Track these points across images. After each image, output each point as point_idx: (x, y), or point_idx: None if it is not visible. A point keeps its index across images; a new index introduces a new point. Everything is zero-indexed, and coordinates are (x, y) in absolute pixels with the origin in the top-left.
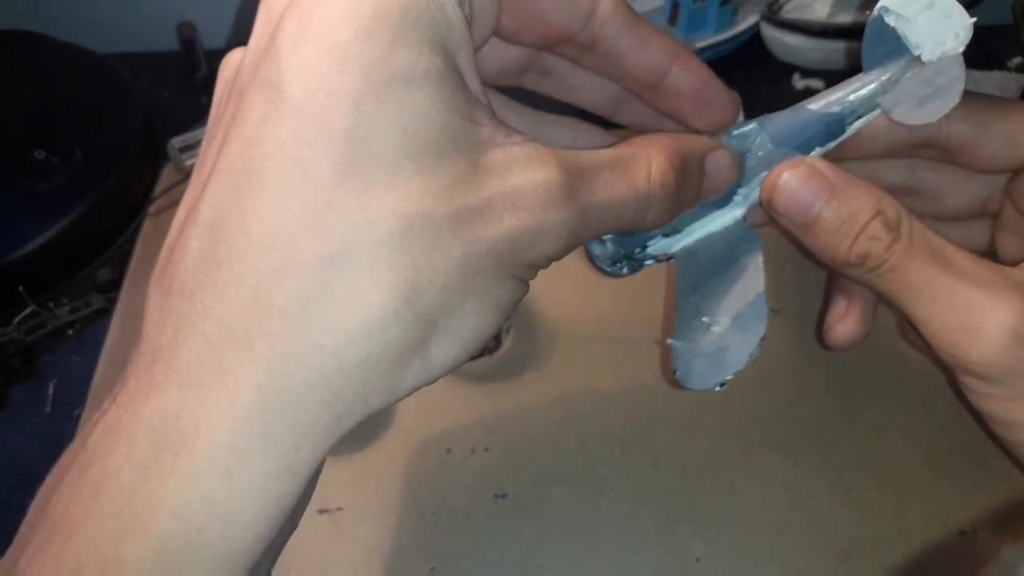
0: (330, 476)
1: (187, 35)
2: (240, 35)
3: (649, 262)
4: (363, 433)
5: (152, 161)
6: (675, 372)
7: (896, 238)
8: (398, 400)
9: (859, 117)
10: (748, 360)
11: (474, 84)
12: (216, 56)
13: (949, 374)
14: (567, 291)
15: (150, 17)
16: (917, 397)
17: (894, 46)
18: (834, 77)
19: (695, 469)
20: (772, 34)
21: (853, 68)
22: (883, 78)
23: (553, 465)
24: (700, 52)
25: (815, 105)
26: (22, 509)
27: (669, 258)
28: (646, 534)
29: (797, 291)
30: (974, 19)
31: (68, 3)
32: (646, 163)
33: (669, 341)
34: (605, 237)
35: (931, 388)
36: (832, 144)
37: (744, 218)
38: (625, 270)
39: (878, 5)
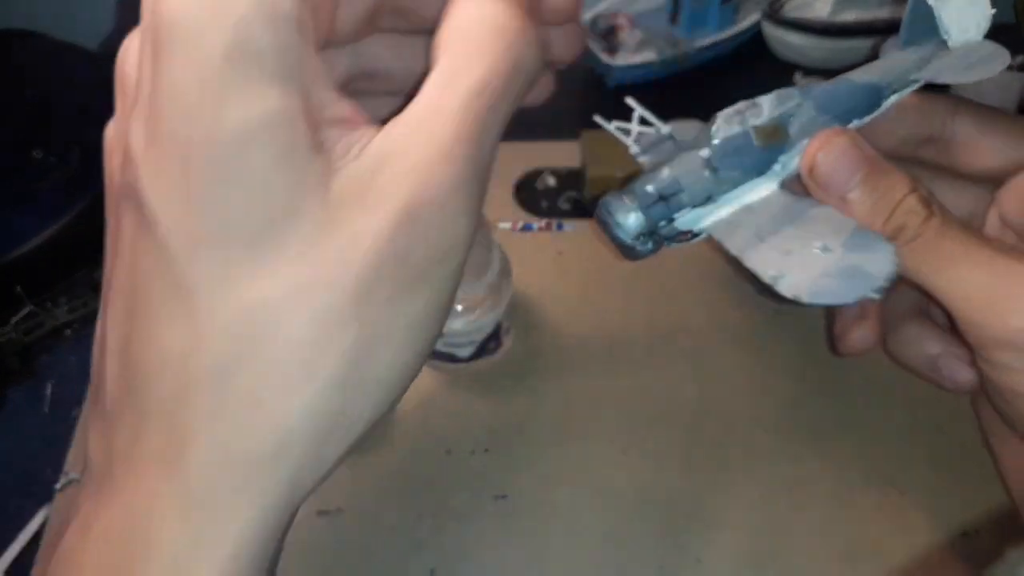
0: (330, 477)
1: None
2: None
3: (674, 243)
4: None
5: None
6: (799, 299)
7: (932, 213)
8: (330, 473)
9: (895, 91)
10: (893, 268)
11: (324, 101)
12: None
13: (970, 357)
14: (567, 291)
15: None
16: (918, 397)
17: (929, 26)
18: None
19: (696, 469)
20: (773, 33)
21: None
22: (916, 56)
23: (553, 466)
24: (701, 51)
25: (856, 76)
26: (20, 510)
27: (694, 236)
28: (646, 535)
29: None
30: (994, 10)
31: (66, 2)
32: (492, 21)
33: (771, 272)
34: (630, 206)
35: (932, 388)
36: (868, 118)
37: (781, 189)
38: (649, 245)
39: None
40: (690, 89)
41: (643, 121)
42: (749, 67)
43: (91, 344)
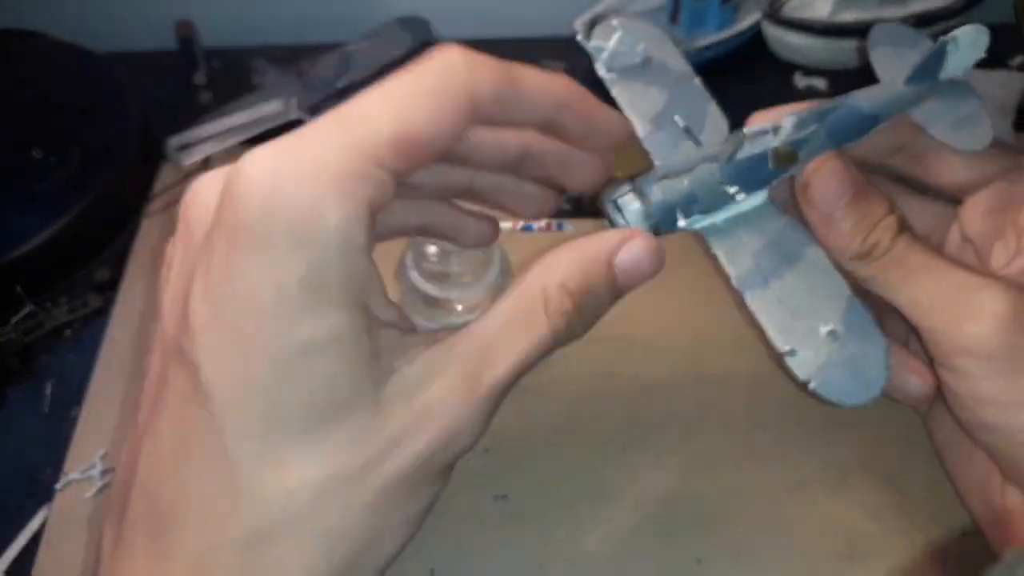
0: None
1: (185, 34)
2: (238, 34)
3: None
4: None
5: (150, 160)
6: (808, 384)
7: (903, 231)
8: None
9: (886, 120)
10: (888, 373)
11: (380, 308)
12: (214, 55)
13: (920, 368)
14: None
15: (148, 16)
16: None
17: (934, 70)
18: (836, 76)
19: (697, 470)
20: (774, 33)
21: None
22: (914, 92)
23: (553, 466)
24: (701, 51)
25: (863, 103)
26: (20, 510)
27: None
28: (647, 535)
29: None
30: (984, 55)
31: (65, 2)
32: (541, 299)
33: (785, 348)
34: (644, 212)
35: None
36: (856, 142)
37: (769, 197)
38: (652, 222)
39: (952, 34)
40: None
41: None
42: (749, 67)
43: (91, 344)
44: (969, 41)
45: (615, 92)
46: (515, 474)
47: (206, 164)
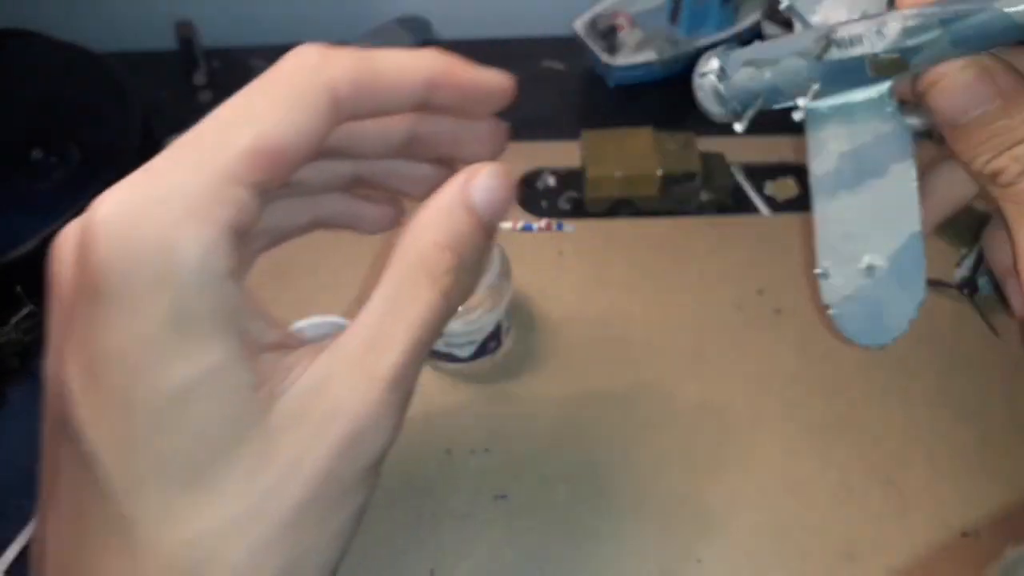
0: None
1: (185, 34)
2: (238, 34)
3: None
4: None
5: (150, 160)
6: (828, 309)
7: None
8: None
9: None
10: (908, 326)
11: (261, 331)
12: (214, 55)
13: None
14: (567, 291)
15: (148, 16)
16: (918, 398)
17: None
18: None
19: (696, 470)
20: (774, 32)
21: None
22: None
23: (553, 466)
24: (702, 51)
25: (1014, 8)
26: (19, 510)
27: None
28: (647, 536)
29: (797, 291)
30: None
31: (66, 2)
32: (420, 265)
33: (818, 269)
34: (713, 99)
35: (932, 389)
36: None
37: (891, 93)
38: (736, 105)
39: None
40: (690, 88)
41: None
42: None
43: None
44: None
45: None
46: (515, 474)
47: None
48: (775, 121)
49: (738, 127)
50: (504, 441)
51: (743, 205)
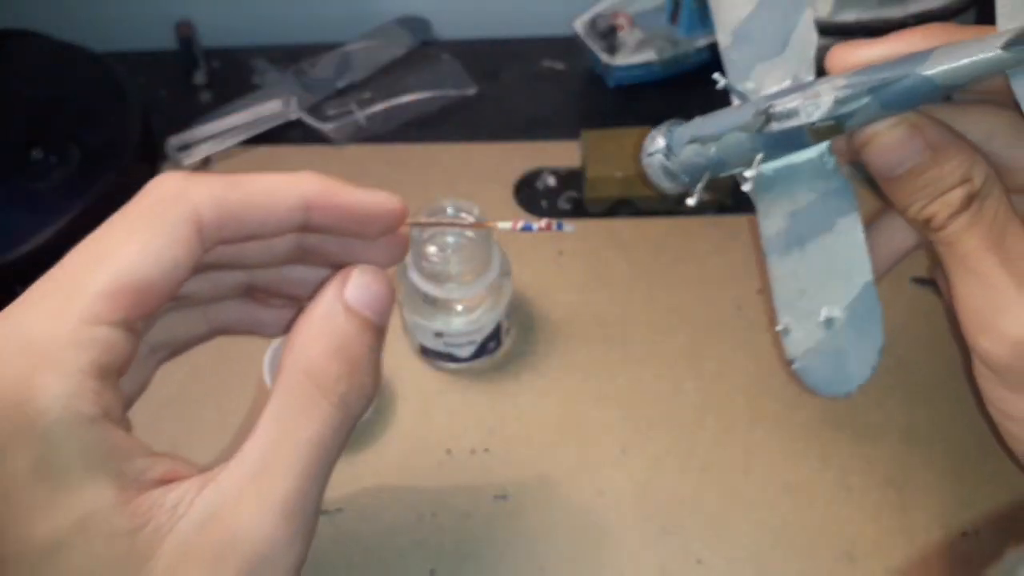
0: (332, 476)
1: (185, 34)
2: (238, 34)
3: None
4: (362, 434)
5: (150, 160)
6: (792, 363)
7: (964, 208)
8: None
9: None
10: (870, 373)
11: (143, 467)
12: (214, 55)
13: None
14: (567, 291)
15: (147, 16)
16: (918, 397)
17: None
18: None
19: (696, 470)
20: None
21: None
22: (1018, 56)
23: (553, 466)
24: (701, 51)
25: (940, 74)
26: None
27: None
28: (647, 536)
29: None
30: None
31: (65, 2)
32: (309, 383)
33: (779, 327)
34: (673, 171)
35: (932, 388)
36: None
37: (830, 151)
38: (686, 179)
39: None
40: (690, 89)
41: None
42: None
43: None
44: None
45: None
46: (515, 474)
47: (206, 164)
48: None
49: (690, 201)
50: (504, 441)
51: (743, 205)
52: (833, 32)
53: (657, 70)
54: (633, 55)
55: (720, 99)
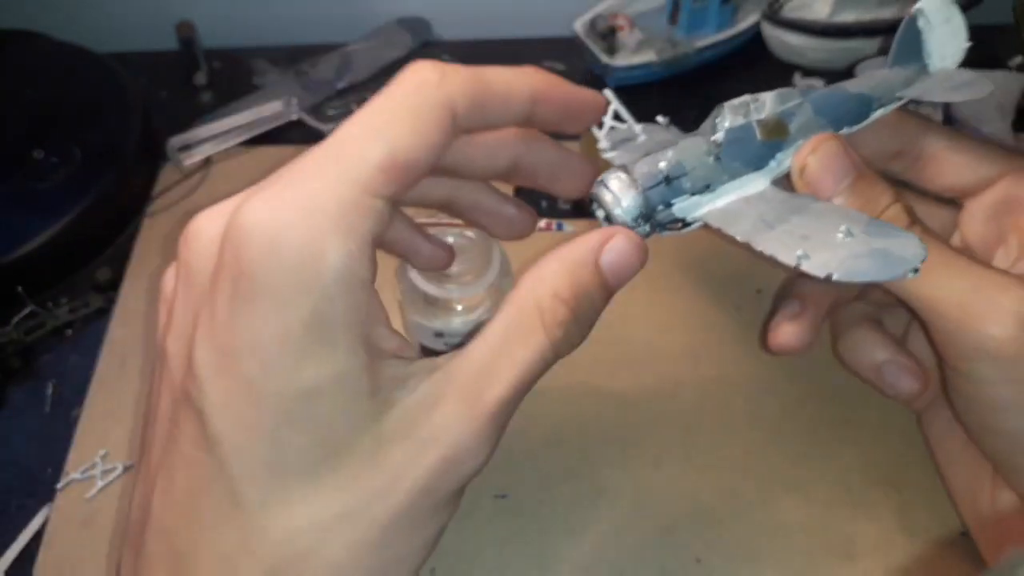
0: None
1: (185, 34)
2: (238, 34)
3: (666, 232)
4: None
5: (151, 161)
6: (831, 277)
7: (914, 221)
8: None
9: (882, 105)
10: (925, 251)
11: (383, 338)
12: (215, 55)
13: (942, 375)
14: None
15: (148, 16)
16: None
17: (914, 49)
18: (835, 77)
19: (696, 469)
20: (773, 33)
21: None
22: (902, 75)
23: (553, 465)
24: (701, 51)
25: (850, 86)
26: (21, 510)
27: (685, 226)
28: (646, 535)
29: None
30: (970, 43)
31: (66, 3)
32: (536, 312)
33: (793, 261)
34: (630, 184)
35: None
36: (856, 128)
37: (773, 184)
38: (646, 228)
39: (916, 6)
40: (689, 90)
41: (616, 117)
42: (748, 68)
43: (92, 344)
44: (940, 16)
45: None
46: (515, 473)
47: (207, 164)
48: None
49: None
50: (504, 440)
51: None
52: (832, 33)
53: (657, 71)
54: (633, 56)
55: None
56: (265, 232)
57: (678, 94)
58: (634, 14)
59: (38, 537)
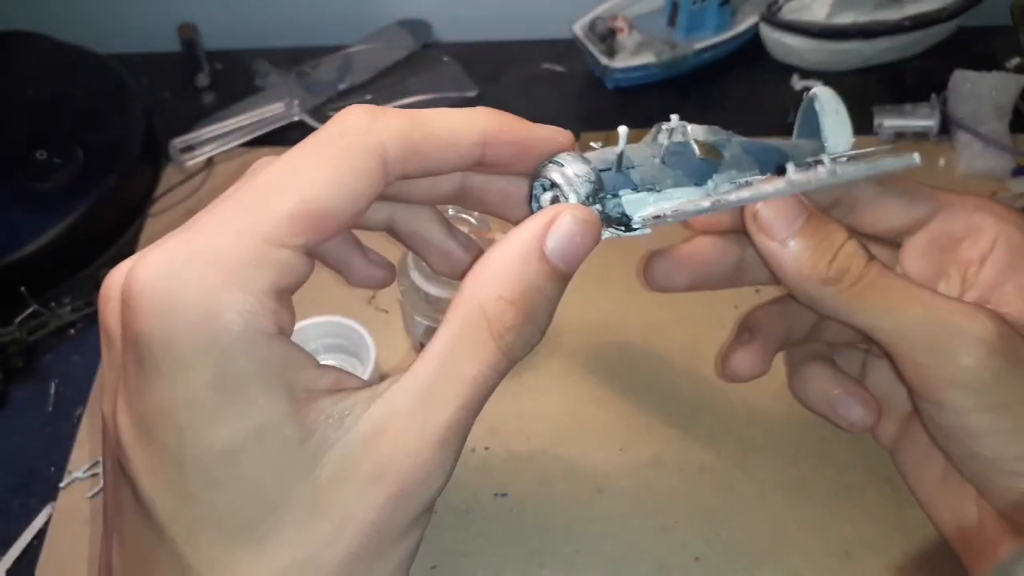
0: None
1: (187, 36)
2: (240, 36)
3: (610, 230)
4: None
5: (153, 161)
6: (791, 182)
7: (871, 257)
8: None
9: (796, 165)
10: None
11: (311, 379)
12: (217, 56)
13: (866, 397)
14: (567, 291)
15: (151, 18)
16: None
17: (814, 128)
18: (833, 78)
19: (694, 468)
20: (771, 35)
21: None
22: (811, 146)
23: (553, 464)
24: (699, 53)
25: (768, 141)
26: (24, 508)
27: (629, 230)
28: (646, 533)
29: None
30: (855, 139)
31: (69, 4)
32: (482, 319)
33: (782, 181)
34: (583, 159)
35: None
36: (773, 170)
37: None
38: (596, 211)
39: (811, 91)
40: (688, 91)
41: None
42: (747, 69)
43: (95, 344)
44: (830, 105)
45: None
46: (515, 472)
47: (209, 164)
48: (772, 123)
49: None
50: (504, 439)
51: None
52: (830, 35)
53: (655, 72)
54: (632, 57)
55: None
56: (157, 292)
57: (677, 95)
58: (633, 16)
59: (41, 535)
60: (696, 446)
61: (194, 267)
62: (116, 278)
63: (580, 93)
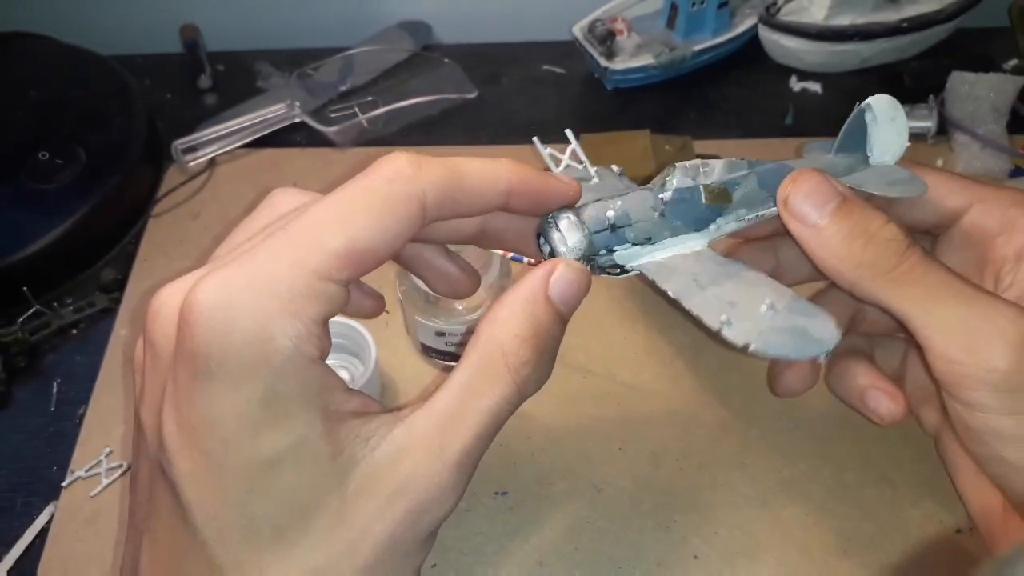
0: None
1: (189, 37)
2: (242, 38)
3: (604, 274)
4: None
5: (155, 162)
6: (748, 347)
7: (912, 243)
8: None
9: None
10: (840, 333)
11: (341, 402)
12: (219, 58)
13: (893, 390)
14: None
15: (153, 19)
16: None
17: (859, 141)
18: (831, 80)
19: (694, 467)
20: (769, 37)
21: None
22: (844, 163)
23: (552, 462)
24: (698, 55)
25: (795, 165)
26: (27, 507)
27: (623, 272)
28: (645, 531)
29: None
30: (909, 144)
31: (71, 5)
32: (500, 355)
33: (716, 325)
34: (579, 226)
35: None
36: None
37: (710, 246)
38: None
39: (866, 100)
40: (687, 92)
41: (574, 157)
42: (745, 71)
43: (97, 344)
44: (887, 114)
45: None
46: (514, 471)
47: (211, 165)
48: (770, 124)
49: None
50: (503, 438)
51: None
52: (828, 36)
53: (655, 74)
54: (631, 59)
55: (715, 100)
56: (217, 314)
57: (676, 97)
58: (632, 18)
59: (43, 534)
60: (695, 445)
61: (251, 294)
62: (166, 298)
63: (579, 94)
